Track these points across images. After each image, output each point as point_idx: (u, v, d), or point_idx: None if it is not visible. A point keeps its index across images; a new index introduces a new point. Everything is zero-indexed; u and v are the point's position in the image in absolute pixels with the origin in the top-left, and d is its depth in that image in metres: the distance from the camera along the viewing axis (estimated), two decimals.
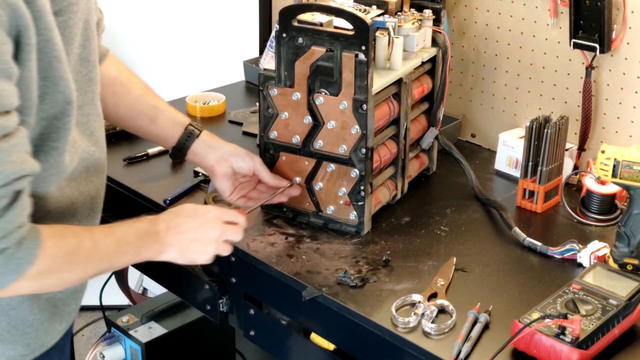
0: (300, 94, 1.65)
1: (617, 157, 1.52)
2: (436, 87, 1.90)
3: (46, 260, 1.26)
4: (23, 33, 1.18)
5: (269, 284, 1.62)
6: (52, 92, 1.28)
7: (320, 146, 1.68)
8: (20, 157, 1.21)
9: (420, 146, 1.93)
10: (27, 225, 1.25)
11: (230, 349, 2.41)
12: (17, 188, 1.21)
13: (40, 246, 1.24)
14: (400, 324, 1.43)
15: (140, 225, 1.42)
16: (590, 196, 1.78)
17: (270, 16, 2.65)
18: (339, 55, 1.59)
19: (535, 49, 2.02)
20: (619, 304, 1.39)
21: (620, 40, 1.86)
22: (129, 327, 2.19)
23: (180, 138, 1.69)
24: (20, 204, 1.23)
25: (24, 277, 1.24)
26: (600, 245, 1.62)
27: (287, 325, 1.66)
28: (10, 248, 1.21)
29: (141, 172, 1.95)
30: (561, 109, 2.00)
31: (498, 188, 1.95)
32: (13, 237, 1.21)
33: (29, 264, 1.23)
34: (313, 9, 1.63)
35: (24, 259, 1.23)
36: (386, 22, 1.75)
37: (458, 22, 2.15)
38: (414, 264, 1.62)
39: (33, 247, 1.24)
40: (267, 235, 1.69)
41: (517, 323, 1.35)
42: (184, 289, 1.84)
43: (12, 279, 1.23)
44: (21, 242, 1.23)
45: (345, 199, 1.69)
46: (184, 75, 2.97)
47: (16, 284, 1.24)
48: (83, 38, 1.34)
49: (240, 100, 2.42)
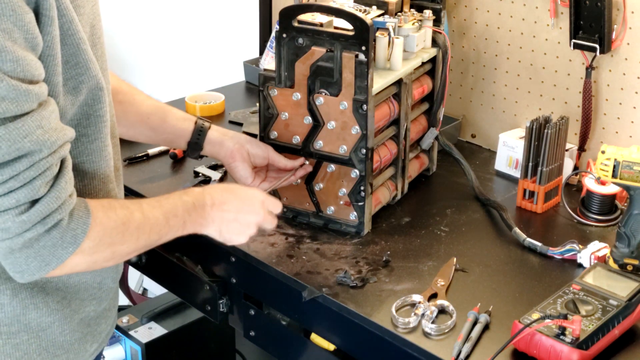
0: (301, 94, 1.65)
1: (617, 157, 1.52)
2: (436, 88, 1.90)
3: (99, 231, 1.24)
4: (41, 3, 1.16)
5: (269, 284, 1.62)
6: (86, 78, 1.26)
7: (320, 146, 1.68)
8: (60, 124, 1.20)
9: (421, 146, 1.93)
10: (75, 193, 1.23)
11: (231, 349, 2.41)
12: (62, 154, 1.20)
13: (90, 216, 1.23)
14: (401, 325, 1.43)
15: (188, 199, 1.41)
16: (591, 196, 1.78)
17: (271, 16, 2.65)
18: (339, 56, 1.59)
19: (535, 49, 2.02)
20: (619, 304, 1.39)
21: (621, 40, 1.86)
22: (129, 328, 2.20)
23: (193, 132, 1.70)
24: (68, 171, 1.22)
25: (80, 250, 1.22)
26: (601, 245, 1.62)
27: (287, 326, 1.66)
28: (64, 219, 1.20)
29: (141, 172, 1.95)
30: (561, 110, 2.00)
31: (498, 188, 1.95)
32: (67, 206, 1.20)
33: (83, 235, 1.22)
34: (313, 9, 1.63)
35: (79, 229, 1.22)
36: (386, 22, 1.75)
37: (458, 23, 2.15)
38: (414, 265, 1.62)
39: (85, 217, 1.22)
40: (267, 236, 1.69)
41: (517, 323, 1.35)
42: (184, 289, 1.84)
43: (70, 252, 1.21)
44: (72, 212, 1.21)
45: (345, 200, 1.69)
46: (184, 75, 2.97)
47: (73, 259, 1.23)
48: (90, 42, 1.32)
49: (240, 100, 2.42)
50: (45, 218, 1.18)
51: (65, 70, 1.24)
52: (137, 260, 1.91)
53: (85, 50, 1.25)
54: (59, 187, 1.19)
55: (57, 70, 1.21)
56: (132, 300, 2.77)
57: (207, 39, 2.92)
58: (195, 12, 2.92)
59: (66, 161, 1.22)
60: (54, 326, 1.35)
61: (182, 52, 2.96)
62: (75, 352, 1.39)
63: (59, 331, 1.36)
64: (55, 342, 1.36)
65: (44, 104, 1.18)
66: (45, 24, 1.17)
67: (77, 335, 1.39)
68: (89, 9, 1.32)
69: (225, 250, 1.68)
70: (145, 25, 2.97)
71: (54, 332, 1.35)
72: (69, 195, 1.21)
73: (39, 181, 1.17)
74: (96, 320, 1.43)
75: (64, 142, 1.21)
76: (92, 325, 1.42)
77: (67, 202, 1.21)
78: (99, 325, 1.44)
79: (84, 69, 1.26)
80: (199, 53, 2.94)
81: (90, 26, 1.32)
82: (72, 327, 1.37)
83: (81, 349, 1.40)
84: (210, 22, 2.90)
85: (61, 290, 1.34)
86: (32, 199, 1.17)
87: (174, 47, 2.97)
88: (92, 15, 1.33)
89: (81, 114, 1.29)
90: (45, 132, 1.17)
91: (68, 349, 1.38)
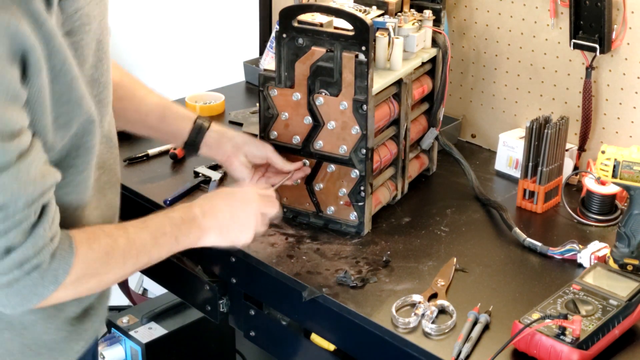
0: (301, 94, 1.65)
1: (617, 157, 1.51)
2: (436, 88, 1.90)
3: (82, 267, 1.24)
4: (28, 56, 1.15)
5: (269, 284, 1.62)
6: (77, 115, 1.26)
7: (320, 146, 1.68)
8: (40, 172, 1.19)
9: (421, 147, 1.93)
10: (59, 234, 1.23)
11: (231, 350, 2.41)
12: (43, 202, 1.20)
13: (74, 254, 1.23)
14: (401, 325, 1.43)
15: (174, 214, 1.41)
16: (591, 196, 1.78)
17: (271, 17, 2.65)
18: (339, 56, 1.59)
19: (535, 49, 2.02)
20: (619, 304, 1.39)
21: (620, 40, 1.86)
22: (129, 328, 2.20)
23: (190, 132, 1.68)
24: (49, 216, 1.21)
25: (63, 286, 1.22)
26: (601, 245, 1.62)
27: (288, 326, 1.66)
28: (44, 262, 1.20)
29: (141, 173, 1.95)
30: (561, 110, 2.00)
31: (498, 188, 1.95)
32: (46, 252, 1.20)
33: (65, 274, 1.22)
34: (313, 9, 1.63)
35: (60, 269, 1.22)
36: (386, 22, 1.75)
37: (458, 23, 2.15)
38: (414, 265, 1.62)
39: (68, 257, 1.22)
40: (267, 236, 1.69)
41: (518, 323, 1.35)
42: (184, 289, 1.84)
43: (50, 290, 1.22)
44: (54, 254, 1.21)
45: (345, 200, 1.69)
46: (184, 75, 2.97)
47: (56, 294, 1.23)
48: (95, 59, 1.31)
49: (240, 100, 2.42)
50: (22, 265, 1.18)
51: (57, 107, 1.23)
52: None
53: (77, 88, 1.25)
54: (36, 235, 1.19)
55: (45, 113, 1.21)
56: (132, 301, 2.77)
57: (207, 39, 2.92)
58: (195, 12, 2.91)
59: (48, 205, 1.22)
60: (38, 325, 1.34)
61: (182, 52, 2.96)
62: (59, 350, 1.38)
63: (43, 330, 1.35)
64: (38, 341, 1.35)
65: (25, 154, 1.17)
66: (32, 75, 1.17)
67: (62, 334, 1.38)
68: (96, 25, 1.31)
69: (225, 250, 1.68)
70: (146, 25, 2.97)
71: (37, 330, 1.35)
72: (50, 239, 1.21)
73: (13, 232, 1.17)
74: (80, 319, 1.42)
75: (43, 191, 1.20)
76: (76, 324, 1.41)
77: (47, 247, 1.20)
78: (83, 324, 1.42)
79: (75, 106, 1.26)
80: (199, 53, 2.94)
81: (96, 42, 1.31)
82: (56, 325, 1.37)
83: (66, 348, 1.40)
84: (210, 22, 2.90)
85: None
86: (7, 247, 1.18)
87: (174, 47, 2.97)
88: (99, 30, 1.32)
89: (71, 145, 1.29)
90: (21, 186, 1.16)
91: (52, 347, 1.37)
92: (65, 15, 1.23)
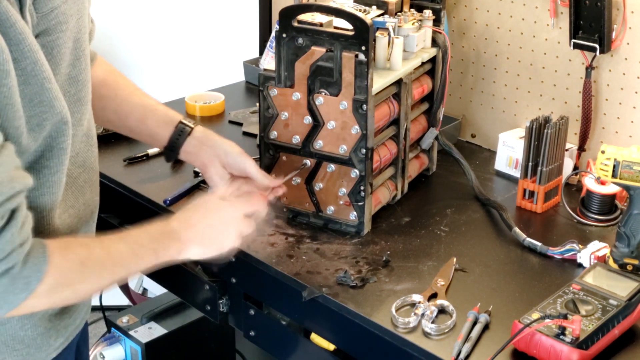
0: (300, 94, 1.65)
1: (617, 157, 1.52)
2: (436, 88, 1.90)
3: (55, 275, 1.22)
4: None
5: (269, 284, 1.62)
6: (50, 116, 1.24)
7: (320, 146, 1.68)
8: (9, 176, 1.17)
9: (420, 146, 1.93)
10: (31, 241, 1.21)
11: (230, 349, 2.41)
12: (11, 207, 1.18)
13: (47, 262, 1.21)
14: (401, 324, 1.43)
15: (152, 228, 1.38)
16: (590, 196, 1.78)
17: (270, 16, 2.66)
18: (339, 56, 1.59)
19: (535, 49, 2.02)
20: (619, 304, 1.39)
21: (620, 40, 1.86)
22: (129, 328, 2.19)
23: (171, 137, 1.65)
24: (18, 221, 1.19)
25: (35, 294, 1.20)
26: (600, 245, 1.62)
27: (287, 326, 1.66)
28: (14, 267, 1.18)
29: (141, 173, 1.95)
30: (561, 109, 2.00)
31: (498, 188, 1.95)
32: (16, 256, 1.18)
33: (37, 282, 1.20)
34: (313, 9, 1.63)
35: (32, 277, 1.19)
36: (386, 22, 1.75)
37: (458, 23, 2.15)
38: (414, 264, 1.62)
39: (40, 264, 1.20)
40: (267, 236, 1.69)
41: (517, 323, 1.35)
42: (184, 289, 1.84)
43: (22, 298, 1.20)
44: (26, 260, 1.19)
45: (345, 199, 1.69)
46: (184, 75, 2.97)
47: (28, 302, 1.21)
48: (72, 57, 1.30)
49: (240, 100, 2.42)
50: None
51: (29, 109, 1.22)
52: None
53: (49, 89, 1.23)
54: (3, 240, 1.16)
55: (16, 115, 1.19)
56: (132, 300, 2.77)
57: (207, 39, 2.92)
58: (195, 12, 2.91)
59: (18, 210, 1.19)
60: (14, 321, 1.33)
61: (182, 52, 2.96)
62: (37, 346, 1.37)
63: (19, 326, 1.34)
64: (15, 337, 1.34)
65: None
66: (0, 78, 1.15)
67: (39, 330, 1.37)
68: (74, 23, 1.29)
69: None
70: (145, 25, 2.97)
71: (13, 326, 1.34)
72: (19, 244, 1.18)
73: None
74: (59, 316, 1.40)
75: (11, 196, 1.18)
76: (54, 320, 1.39)
77: (16, 252, 1.18)
78: (62, 321, 1.41)
79: (48, 107, 1.24)
80: (199, 53, 2.94)
81: (73, 40, 1.30)
82: (33, 322, 1.35)
83: (44, 344, 1.38)
84: (210, 22, 2.90)
85: None
86: None
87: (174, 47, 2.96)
88: (76, 29, 1.31)
89: (44, 146, 1.27)
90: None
91: (29, 343, 1.36)
92: (40, 14, 1.22)
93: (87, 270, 1.27)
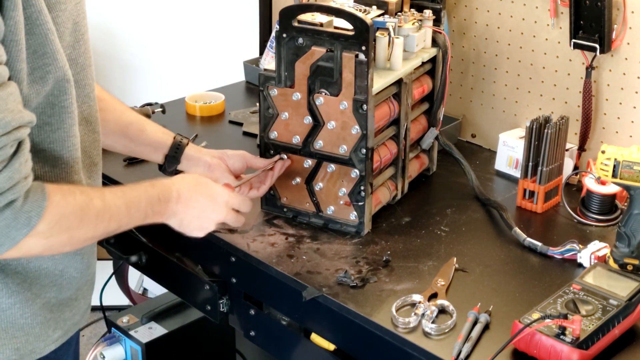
0: (301, 94, 1.65)
1: (617, 157, 1.52)
2: (436, 88, 1.90)
3: (55, 215, 1.24)
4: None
5: (270, 284, 1.62)
6: (53, 69, 1.26)
7: (320, 146, 1.68)
8: (17, 106, 1.20)
9: (421, 146, 1.93)
10: (31, 176, 1.24)
11: (231, 349, 2.41)
12: (18, 137, 1.20)
13: (47, 198, 1.23)
14: (401, 324, 1.43)
15: (153, 192, 1.43)
16: (591, 196, 1.78)
17: (271, 16, 2.66)
18: (339, 56, 1.59)
19: (535, 49, 2.02)
20: (619, 304, 1.39)
21: (621, 40, 1.86)
22: (129, 328, 2.19)
23: (172, 146, 1.71)
24: (24, 153, 1.21)
25: (35, 232, 1.23)
26: (601, 245, 1.62)
27: (288, 326, 1.66)
28: (17, 200, 1.20)
29: (141, 173, 1.95)
30: (561, 109, 2.00)
31: (498, 188, 1.95)
32: (20, 188, 1.20)
33: (38, 217, 1.22)
34: (313, 9, 1.63)
35: (33, 212, 1.22)
36: (386, 22, 1.75)
37: (458, 23, 2.15)
38: (414, 264, 1.62)
39: (40, 200, 1.23)
40: (267, 236, 1.70)
41: (518, 323, 1.35)
42: (184, 289, 1.84)
43: (23, 233, 1.22)
44: (27, 194, 1.21)
45: (345, 199, 1.69)
46: (184, 75, 2.97)
47: (28, 240, 1.23)
48: (72, 39, 1.33)
49: (240, 100, 2.42)
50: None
51: (33, 60, 1.24)
52: (137, 260, 1.91)
53: (52, 40, 1.26)
54: (12, 168, 1.19)
55: (20, 57, 1.21)
56: (132, 300, 2.77)
57: (207, 39, 2.92)
58: (195, 12, 2.91)
59: (23, 144, 1.22)
60: (15, 308, 1.35)
61: (182, 52, 2.96)
62: (35, 335, 1.39)
63: (20, 313, 1.36)
64: (15, 324, 1.36)
65: (2, 85, 1.18)
66: (7, 9, 1.17)
67: (39, 319, 1.39)
68: (72, 6, 1.32)
69: (226, 250, 1.69)
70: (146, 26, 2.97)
71: (14, 313, 1.35)
72: (24, 177, 1.21)
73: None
74: (59, 307, 1.42)
75: (20, 125, 1.20)
76: (54, 311, 1.41)
77: (21, 184, 1.21)
78: (62, 313, 1.43)
79: (51, 59, 1.26)
80: (199, 53, 2.94)
81: (72, 22, 1.32)
82: (33, 310, 1.37)
83: (42, 334, 1.40)
84: (210, 22, 2.90)
85: (20, 274, 1.34)
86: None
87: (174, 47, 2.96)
88: (75, 12, 1.33)
89: (46, 103, 1.30)
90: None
91: (28, 331, 1.38)
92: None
93: (85, 217, 1.30)
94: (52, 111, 1.31)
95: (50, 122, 1.31)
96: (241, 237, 1.68)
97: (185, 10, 2.92)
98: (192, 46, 2.94)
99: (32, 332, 1.38)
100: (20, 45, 1.21)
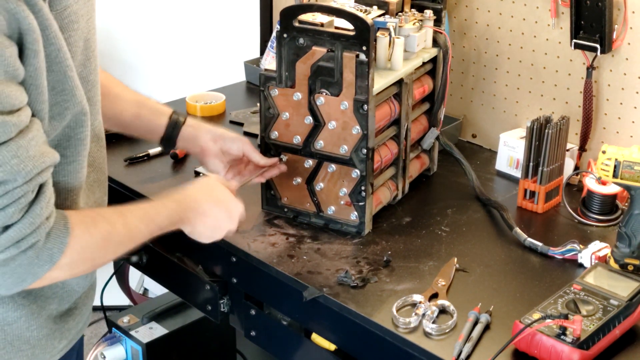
0: (301, 94, 1.65)
1: (618, 157, 1.52)
2: (437, 88, 1.90)
3: (77, 249, 1.25)
4: (25, 37, 1.16)
5: (270, 284, 1.62)
6: (71, 105, 1.27)
7: (321, 146, 1.68)
8: (39, 150, 1.20)
9: (421, 146, 1.93)
10: (54, 214, 1.24)
11: (231, 349, 2.41)
12: (41, 181, 1.21)
13: (69, 234, 1.24)
14: (401, 325, 1.43)
15: (172, 206, 1.44)
16: (591, 196, 1.78)
17: (271, 16, 2.65)
18: (340, 56, 1.59)
19: (536, 49, 2.02)
20: (620, 304, 1.39)
21: (621, 40, 1.86)
22: (129, 328, 2.19)
23: (167, 127, 1.70)
24: (45, 196, 1.22)
25: (57, 266, 1.24)
26: (601, 245, 1.62)
27: (288, 326, 1.66)
28: (40, 241, 1.21)
29: (142, 173, 1.95)
30: (562, 109, 2.00)
31: (499, 188, 1.95)
32: (42, 230, 1.21)
33: (60, 253, 1.23)
34: (314, 9, 1.63)
35: (55, 248, 1.23)
36: (387, 22, 1.75)
37: (459, 23, 2.15)
38: (414, 265, 1.62)
39: (63, 236, 1.23)
40: (268, 236, 1.70)
41: (518, 323, 1.35)
42: (185, 289, 1.84)
43: (46, 269, 1.23)
44: (50, 233, 1.22)
45: (346, 200, 1.69)
46: (185, 75, 2.97)
47: (51, 274, 1.24)
48: (83, 57, 1.33)
49: (241, 100, 2.42)
50: (18, 242, 1.19)
51: (52, 97, 1.24)
52: (138, 261, 1.91)
53: (72, 77, 1.26)
54: (33, 213, 1.20)
55: (41, 99, 1.22)
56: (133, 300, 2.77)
57: (208, 39, 2.92)
58: (196, 12, 2.91)
59: (45, 185, 1.23)
60: (21, 321, 1.35)
61: (183, 52, 2.96)
62: (42, 347, 1.39)
63: (26, 326, 1.36)
64: (21, 337, 1.36)
65: (25, 130, 1.18)
66: (28, 57, 1.18)
67: (45, 332, 1.39)
68: (84, 23, 1.32)
69: (226, 250, 1.69)
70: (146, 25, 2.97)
71: (20, 327, 1.36)
72: (46, 218, 1.22)
73: (11, 208, 1.18)
74: (64, 318, 1.43)
75: (42, 170, 1.21)
76: (58, 322, 1.42)
77: (43, 226, 1.21)
78: (66, 323, 1.44)
79: (69, 96, 1.27)
80: (200, 53, 2.94)
81: (84, 40, 1.32)
82: (39, 323, 1.38)
83: (48, 345, 1.40)
84: (210, 22, 2.90)
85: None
86: (5, 224, 1.18)
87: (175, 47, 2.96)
88: (86, 29, 1.33)
89: (62, 135, 1.30)
90: (21, 162, 1.17)
91: (34, 344, 1.38)
92: (55, 12, 1.24)
93: (109, 246, 1.32)
94: (68, 143, 1.32)
95: (65, 154, 1.32)
96: (242, 237, 1.68)
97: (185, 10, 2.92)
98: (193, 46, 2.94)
99: (39, 345, 1.39)
100: (40, 88, 1.21)
